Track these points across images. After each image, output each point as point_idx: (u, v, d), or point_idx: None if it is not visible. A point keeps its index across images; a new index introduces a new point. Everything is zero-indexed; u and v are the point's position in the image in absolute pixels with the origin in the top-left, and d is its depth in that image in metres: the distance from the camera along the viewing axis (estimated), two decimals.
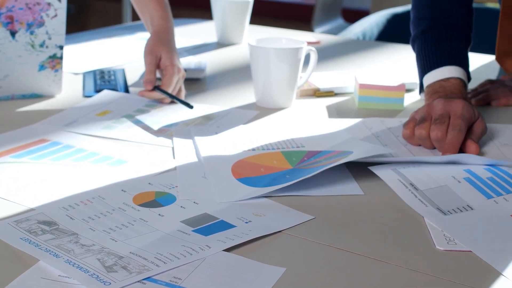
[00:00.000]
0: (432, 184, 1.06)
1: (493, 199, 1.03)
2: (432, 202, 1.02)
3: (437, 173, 1.09)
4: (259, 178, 1.10)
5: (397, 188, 1.06)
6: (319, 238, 0.93)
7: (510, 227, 0.96)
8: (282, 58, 1.39)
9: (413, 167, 1.11)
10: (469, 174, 1.09)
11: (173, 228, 0.95)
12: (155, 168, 1.14)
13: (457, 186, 1.06)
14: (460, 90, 1.34)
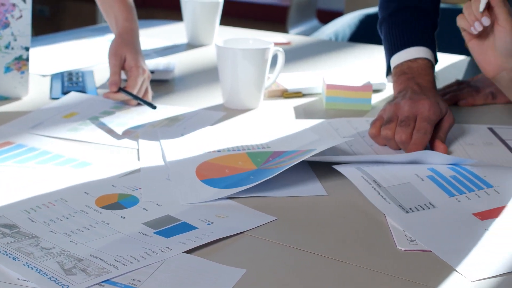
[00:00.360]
0: (395, 181, 1.07)
1: (455, 197, 1.03)
2: (394, 199, 1.02)
3: (400, 171, 1.10)
4: (224, 179, 1.10)
5: (360, 185, 1.06)
6: (280, 239, 0.94)
7: (472, 226, 0.97)
8: (249, 59, 1.39)
9: (377, 165, 1.11)
10: (432, 172, 1.10)
11: (135, 230, 0.94)
12: (119, 170, 1.13)
13: (420, 184, 1.06)
14: (428, 72, 1.34)
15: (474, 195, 1.04)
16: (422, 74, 1.33)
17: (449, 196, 1.04)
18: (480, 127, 1.35)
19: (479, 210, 1.00)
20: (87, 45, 1.92)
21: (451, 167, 1.11)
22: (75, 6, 5.43)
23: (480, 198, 1.03)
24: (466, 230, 0.96)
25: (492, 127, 1.35)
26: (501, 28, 1.19)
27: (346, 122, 1.35)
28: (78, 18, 5.33)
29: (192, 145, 1.22)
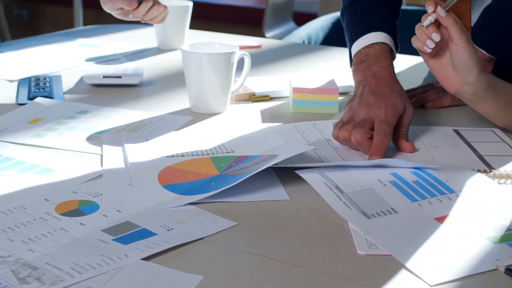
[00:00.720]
0: (358, 187, 1.07)
1: (417, 202, 1.04)
2: (356, 205, 1.02)
3: (363, 176, 1.10)
4: (185, 184, 1.09)
5: (322, 191, 1.06)
6: (240, 244, 0.93)
7: (432, 230, 0.97)
8: (214, 63, 1.38)
9: (340, 171, 1.11)
10: (395, 177, 1.10)
11: (93, 237, 0.94)
12: (82, 176, 1.12)
13: (382, 189, 1.06)
14: (384, 56, 1.34)
15: (436, 200, 1.04)
16: (378, 60, 1.33)
17: (411, 201, 1.04)
18: (445, 129, 1.35)
19: (440, 215, 1.00)
20: (56, 50, 1.91)
21: (414, 171, 1.12)
22: (53, 10, 5.41)
23: (442, 203, 1.03)
24: (427, 235, 0.95)
25: (458, 129, 1.35)
26: (456, 46, 1.21)
27: (312, 125, 1.34)
28: (56, 22, 5.31)
29: (156, 150, 1.22)
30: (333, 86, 1.46)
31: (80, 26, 4.39)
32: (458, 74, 1.24)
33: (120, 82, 1.58)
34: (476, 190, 1.08)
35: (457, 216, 1.00)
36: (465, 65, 1.22)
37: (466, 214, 1.01)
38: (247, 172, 1.09)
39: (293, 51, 2.02)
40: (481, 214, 1.01)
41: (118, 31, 2.20)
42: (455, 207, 1.03)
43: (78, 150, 1.23)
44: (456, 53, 1.22)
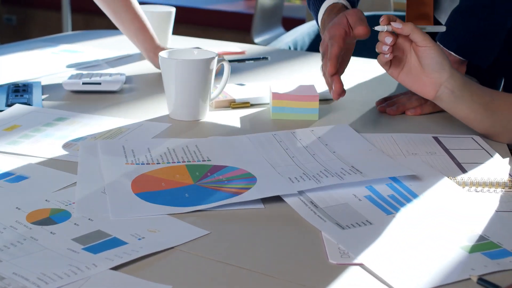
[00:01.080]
0: (332, 202, 1.06)
1: (392, 215, 1.03)
2: (331, 218, 1.01)
3: (338, 191, 1.09)
4: (158, 193, 1.08)
5: (297, 206, 1.05)
6: (211, 253, 0.92)
7: (407, 240, 0.96)
8: (192, 70, 1.37)
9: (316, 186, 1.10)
10: (370, 191, 1.09)
11: (63, 246, 0.93)
12: (56, 184, 1.11)
13: (357, 204, 1.06)
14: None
15: (411, 213, 1.04)
16: None
17: (386, 214, 1.03)
18: (425, 136, 1.35)
19: (416, 226, 0.99)
20: (38, 56, 1.90)
21: (390, 184, 1.11)
22: (42, 14, 5.40)
23: (418, 215, 1.03)
24: (401, 244, 0.95)
25: (437, 136, 1.34)
26: (423, 48, 1.25)
27: (291, 133, 1.33)
28: (45, 27, 5.30)
29: (132, 157, 1.21)
30: (313, 92, 1.45)
31: (69, 31, 4.39)
32: (432, 76, 1.27)
33: (99, 88, 1.57)
34: (450, 200, 1.07)
35: (432, 226, 0.99)
36: (437, 62, 1.25)
37: (441, 224, 1.00)
38: (222, 191, 1.08)
39: (277, 58, 2.01)
40: (456, 224, 1.00)
41: (102, 36, 2.19)
42: (430, 218, 1.02)
43: (53, 158, 1.22)
44: (425, 54, 1.25)
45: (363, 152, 1.25)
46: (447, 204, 1.06)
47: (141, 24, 1.72)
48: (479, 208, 1.05)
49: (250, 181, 1.12)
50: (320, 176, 1.13)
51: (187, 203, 1.05)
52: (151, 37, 1.72)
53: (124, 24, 1.73)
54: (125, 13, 1.72)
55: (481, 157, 1.26)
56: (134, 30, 1.72)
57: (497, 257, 0.92)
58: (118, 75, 1.65)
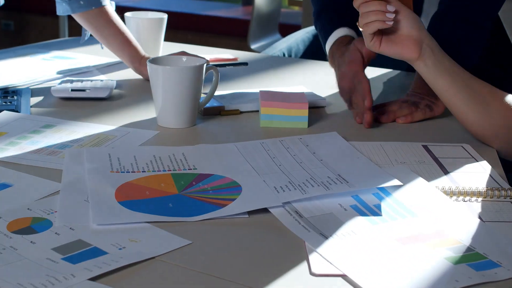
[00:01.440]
0: (317, 212, 1.05)
1: (378, 225, 1.01)
2: (315, 228, 1.00)
3: (324, 201, 1.08)
4: (142, 201, 1.07)
5: (281, 215, 1.03)
6: (192, 264, 0.91)
7: (392, 251, 0.94)
8: (180, 77, 1.36)
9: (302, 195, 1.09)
10: (356, 201, 1.08)
11: (42, 256, 0.91)
12: (39, 193, 1.10)
13: (343, 214, 1.04)
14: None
15: (396, 222, 1.02)
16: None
17: (372, 224, 1.02)
18: (414, 144, 1.33)
19: (401, 236, 0.98)
20: (29, 62, 1.89)
21: (376, 193, 1.10)
22: (39, 20, 5.40)
23: (403, 225, 1.01)
24: (385, 255, 0.93)
25: (427, 145, 1.33)
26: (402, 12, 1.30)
27: (279, 142, 1.32)
28: (43, 32, 5.30)
29: (118, 165, 1.19)
30: (302, 100, 1.44)
31: (66, 37, 4.38)
32: (412, 33, 1.30)
33: (88, 95, 1.56)
34: (437, 210, 1.06)
35: (417, 237, 0.98)
36: (414, 19, 1.30)
37: (426, 234, 0.99)
38: (206, 202, 1.07)
39: (269, 65, 2.00)
40: (442, 234, 0.99)
41: (96, 43, 2.18)
42: (416, 229, 1.00)
43: (38, 166, 1.21)
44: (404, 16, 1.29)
45: (351, 160, 1.23)
46: (433, 214, 1.04)
47: (124, 38, 1.73)
48: (466, 218, 1.04)
49: (235, 191, 1.11)
50: (305, 185, 1.12)
51: (170, 213, 1.04)
52: (135, 49, 1.74)
53: (107, 40, 1.75)
54: (107, 29, 1.73)
55: (470, 166, 1.24)
56: (117, 44, 1.74)
57: (482, 268, 0.91)
58: (107, 82, 1.64)
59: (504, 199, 1.11)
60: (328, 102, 1.60)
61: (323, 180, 1.14)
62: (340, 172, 1.17)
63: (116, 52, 1.77)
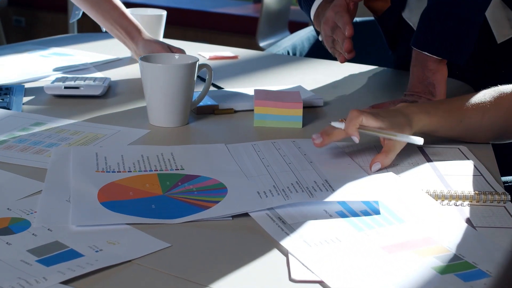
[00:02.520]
0: (301, 218, 1.01)
1: (364, 232, 0.98)
2: (298, 234, 0.97)
3: (309, 207, 1.05)
4: (124, 202, 1.05)
5: (264, 221, 1.00)
6: (171, 268, 0.88)
7: (376, 259, 0.91)
8: (171, 75, 1.34)
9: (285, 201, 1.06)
10: (342, 207, 1.05)
11: (17, 258, 0.89)
12: (20, 192, 1.08)
13: (327, 220, 1.01)
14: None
15: (383, 229, 0.99)
16: None
17: (357, 231, 0.98)
18: (410, 146, 1.30)
19: (387, 244, 0.95)
20: (26, 59, 1.87)
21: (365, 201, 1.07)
22: (50, 16, 5.40)
23: (390, 233, 0.98)
24: (369, 263, 0.90)
25: (422, 147, 1.30)
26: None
27: (271, 143, 1.30)
28: (54, 28, 5.30)
29: (103, 165, 1.17)
30: (297, 99, 1.41)
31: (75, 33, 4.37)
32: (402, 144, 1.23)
33: (81, 93, 1.54)
34: (425, 216, 1.02)
35: (403, 245, 0.95)
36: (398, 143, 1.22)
37: (413, 242, 0.95)
38: (190, 204, 1.05)
39: (270, 63, 1.98)
40: (429, 242, 0.96)
41: (96, 40, 2.17)
42: (403, 236, 0.97)
43: (23, 164, 1.19)
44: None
45: (341, 166, 1.20)
46: (421, 220, 1.01)
47: (120, 12, 1.70)
48: (455, 224, 1.01)
49: (220, 193, 1.08)
50: (289, 190, 1.09)
51: (152, 214, 1.01)
52: (133, 27, 1.70)
53: (103, 16, 1.71)
54: (103, 4, 1.69)
55: (465, 169, 1.21)
56: (113, 20, 1.70)
57: (470, 278, 0.87)
58: (102, 79, 1.62)
59: (498, 203, 1.08)
60: (325, 101, 1.57)
61: (308, 185, 1.11)
62: (327, 177, 1.14)
63: (111, 31, 1.73)
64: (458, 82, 1.77)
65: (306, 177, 1.14)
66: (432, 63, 1.47)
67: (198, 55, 1.96)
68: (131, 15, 1.72)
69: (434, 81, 1.47)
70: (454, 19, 1.45)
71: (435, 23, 1.47)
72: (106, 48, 2.04)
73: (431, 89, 1.48)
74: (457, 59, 1.46)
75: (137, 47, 1.69)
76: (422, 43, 1.47)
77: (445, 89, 1.48)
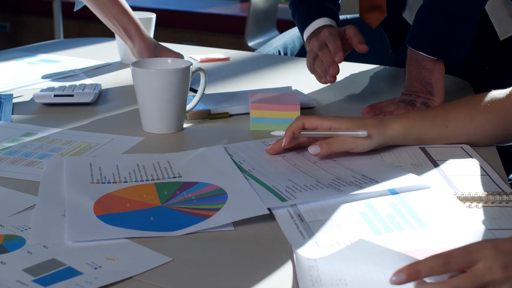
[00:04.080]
0: (321, 216, 0.98)
1: (381, 235, 0.94)
2: (312, 234, 0.94)
3: (332, 205, 1.02)
4: (121, 215, 1.01)
5: (282, 218, 0.98)
6: (172, 284, 0.85)
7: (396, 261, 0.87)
8: (166, 80, 1.30)
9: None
10: (367, 208, 1.01)
11: (12, 278, 0.85)
12: (13, 207, 1.04)
13: (347, 220, 0.98)
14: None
15: (402, 234, 0.95)
16: None
17: (374, 234, 0.95)
18: (411, 147, 1.27)
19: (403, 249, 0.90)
20: (13, 67, 1.83)
21: (392, 202, 1.03)
22: (36, 21, 5.35)
23: (409, 238, 0.94)
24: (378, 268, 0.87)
25: (425, 147, 1.27)
26: None
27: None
28: (39, 33, 5.25)
29: (98, 175, 1.13)
30: (294, 102, 1.37)
31: (61, 38, 4.32)
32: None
33: (72, 100, 1.50)
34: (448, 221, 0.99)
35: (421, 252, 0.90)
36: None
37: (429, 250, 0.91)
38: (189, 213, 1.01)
39: (263, 64, 1.94)
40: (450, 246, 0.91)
41: (84, 45, 2.13)
42: (422, 242, 0.93)
43: (14, 177, 1.15)
44: None
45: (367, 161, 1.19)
46: (445, 229, 0.96)
47: (120, 8, 1.66)
48: (475, 228, 0.97)
49: (220, 199, 1.05)
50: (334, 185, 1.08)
51: (151, 227, 0.98)
52: (133, 24, 1.66)
53: (102, 10, 1.66)
54: None
55: (469, 168, 1.18)
56: (112, 15, 1.66)
57: None
58: (92, 86, 1.58)
59: (506, 204, 1.05)
60: (318, 102, 1.54)
61: (346, 181, 1.09)
62: (363, 172, 1.13)
63: (110, 26, 1.69)
64: (456, 79, 1.74)
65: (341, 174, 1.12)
66: (428, 62, 1.44)
67: (189, 58, 1.92)
68: (132, 12, 1.68)
69: (431, 80, 1.44)
70: (452, 18, 1.41)
71: (430, 21, 1.42)
72: (94, 53, 2.00)
73: (429, 88, 1.44)
74: (454, 59, 1.41)
75: (134, 47, 1.65)
76: (418, 42, 1.43)
77: (443, 88, 1.44)
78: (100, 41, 2.17)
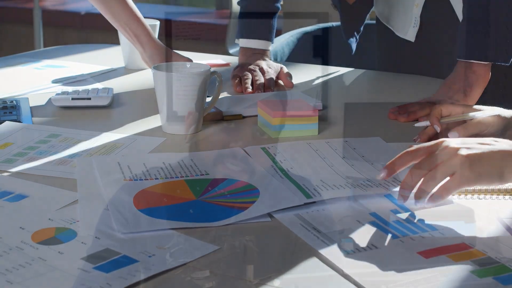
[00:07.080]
0: (335, 227, 1.03)
1: (398, 239, 1.00)
2: (334, 242, 0.99)
3: (340, 217, 1.07)
4: (162, 208, 1.07)
5: (299, 232, 1.02)
6: (225, 269, 0.91)
7: (415, 264, 0.93)
8: (188, 83, 1.37)
9: (317, 211, 1.08)
10: (374, 218, 1.07)
11: (73, 266, 0.91)
12: (56, 202, 1.10)
13: (362, 229, 1.03)
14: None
15: (418, 236, 1.01)
16: None
17: (392, 238, 1.00)
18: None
19: (423, 249, 0.97)
20: (21, 72, 1.88)
21: (395, 210, 1.09)
22: (14, 29, 5.34)
23: (424, 239, 1.00)
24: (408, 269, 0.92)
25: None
26: None
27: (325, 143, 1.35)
28: (17, 41, 5.24)
29: (130, 173, 1.19)
30: (310, 108, 1.43)
31: (41, 45, 4.35)
32: None
33: (89, 103, 1.56)
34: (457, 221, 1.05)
35: (440, 250, 0.96)
36: None
37: (449, 248, 0.97)
38: (226, 206, 1.08)
39: None
40: (464, 248, 0.97)
41: (83, 51, 2.18)
42: (438, 242, 0.99)
43: (51, 175, 1.21)
44: None
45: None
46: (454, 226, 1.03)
47: (130, 13, 1.71)
48: (488, 225, 1.03)
49: (253, 194, 1.11)
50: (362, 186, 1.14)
51: (193, 218, 1.04)
52: (143, 29, 1.72)
53: (113, 14, 1.71)
54: (114, 2, 1.70)
55: None
56: (122, 20, 1.71)
57: (509, 282, 0.89)
58: (106, 89, 1.63)
59: None
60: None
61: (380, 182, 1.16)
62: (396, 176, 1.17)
63: (120, 31, 1.75)
64: None
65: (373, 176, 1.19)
66: (478, 68, 1.51)
67: None
68: (142, 17, 1.74)
69: (473, 83, 1.51)
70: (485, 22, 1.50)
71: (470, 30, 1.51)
72: (96, 59, 2.05)
73: (467, 88, 1.51)
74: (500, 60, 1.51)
75: (144, 52, 1.70)
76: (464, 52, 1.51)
77: (480, 94, 1.53)
78: (99, 48, 2.23)
